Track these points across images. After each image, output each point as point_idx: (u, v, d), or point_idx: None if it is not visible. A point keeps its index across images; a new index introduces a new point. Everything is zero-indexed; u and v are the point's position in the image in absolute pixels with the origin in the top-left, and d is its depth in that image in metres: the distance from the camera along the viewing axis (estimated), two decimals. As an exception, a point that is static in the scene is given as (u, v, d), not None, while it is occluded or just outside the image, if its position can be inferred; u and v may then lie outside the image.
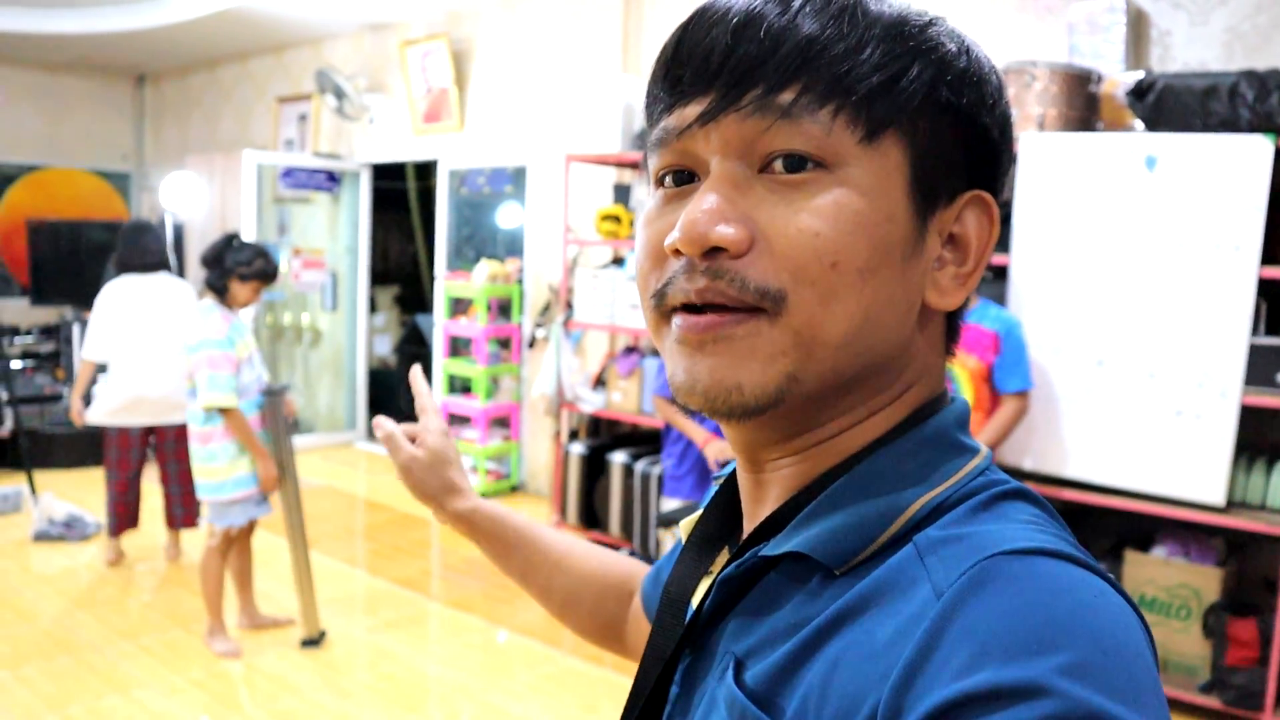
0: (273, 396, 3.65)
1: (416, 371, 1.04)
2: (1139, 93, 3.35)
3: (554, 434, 5.41)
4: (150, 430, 4.69)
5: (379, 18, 6.81)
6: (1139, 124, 3.43)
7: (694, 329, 0.56)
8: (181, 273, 8.03)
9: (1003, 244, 3.69)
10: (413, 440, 0.99)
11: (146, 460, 4.73)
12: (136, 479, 4.71)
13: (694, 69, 0.56)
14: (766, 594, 0.59)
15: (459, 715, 3.41)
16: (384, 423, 0.99)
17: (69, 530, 5.03)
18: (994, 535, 0.51)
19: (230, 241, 3.76)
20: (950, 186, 0.58)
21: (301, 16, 6.91)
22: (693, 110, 0.56)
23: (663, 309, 0.58)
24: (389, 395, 8.31)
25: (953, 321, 0.63)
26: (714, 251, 0.54)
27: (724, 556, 0.68)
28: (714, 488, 0.72)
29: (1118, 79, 3.54)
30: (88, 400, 4.79)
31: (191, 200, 7.53)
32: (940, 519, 0.54)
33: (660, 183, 0.60)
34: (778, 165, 0.54)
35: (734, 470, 0.68)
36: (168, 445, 4.69)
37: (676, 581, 0.68)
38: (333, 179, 7.53)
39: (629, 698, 0.67)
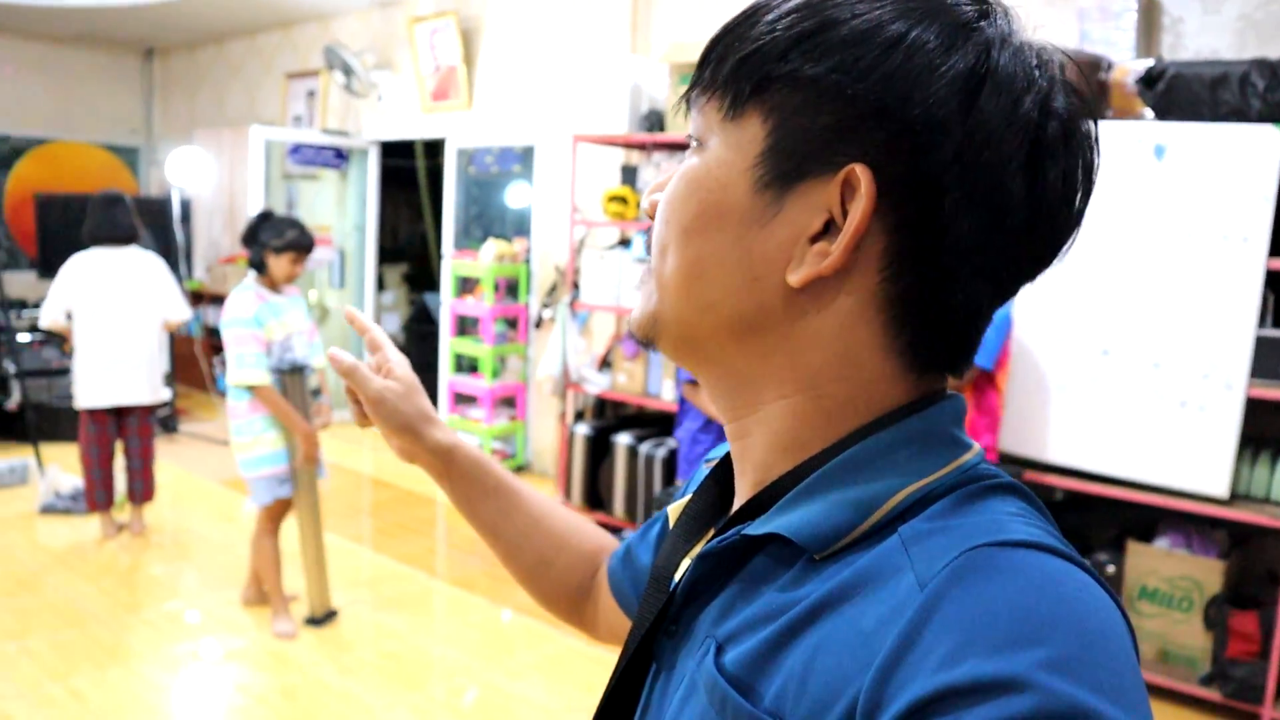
0: (284, 375, 3.63)
1: (352, 310, 0.96)
2: (1149, 81, 3.32)
3: (559, 415, 5.42)
4: (119, 408, 4.71)
5: (388, -6, 6.78)
6: (1148, 112, 3.41)
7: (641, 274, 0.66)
8: (189, 246, 8.05)
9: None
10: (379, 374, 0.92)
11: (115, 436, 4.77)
12: (112, 455, 4.76)
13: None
14: (749, 578, 0.59)
15: (461, 693, 3.44)
16: (341, 355, 0.89)
17: (74, 503, 5.06)
18: (979, 527, 0.51)
19: (264, 217, 3.74)
20: (825, 161, 0.54)
21: (311, -8, 6.88)
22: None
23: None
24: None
25: (921, 326, 0.57)
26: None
27: (710, 536, 0.67)
28: (704, 470, 0.72)
29: (1128, 66, 3.51)
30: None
31: (199, 175, 7.52)
32: (926, 510, 0.54)
33: None
34: (692, 146, 0.62)
35: (726, 455, 0.69)
36: (131, 421, 4.72)
37: (664, 556, 0.69)
38: (341, 156, 7.52)
39: (613, 673, 0.67)
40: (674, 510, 0.72)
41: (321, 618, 3.85)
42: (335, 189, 7.76)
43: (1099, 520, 3.78)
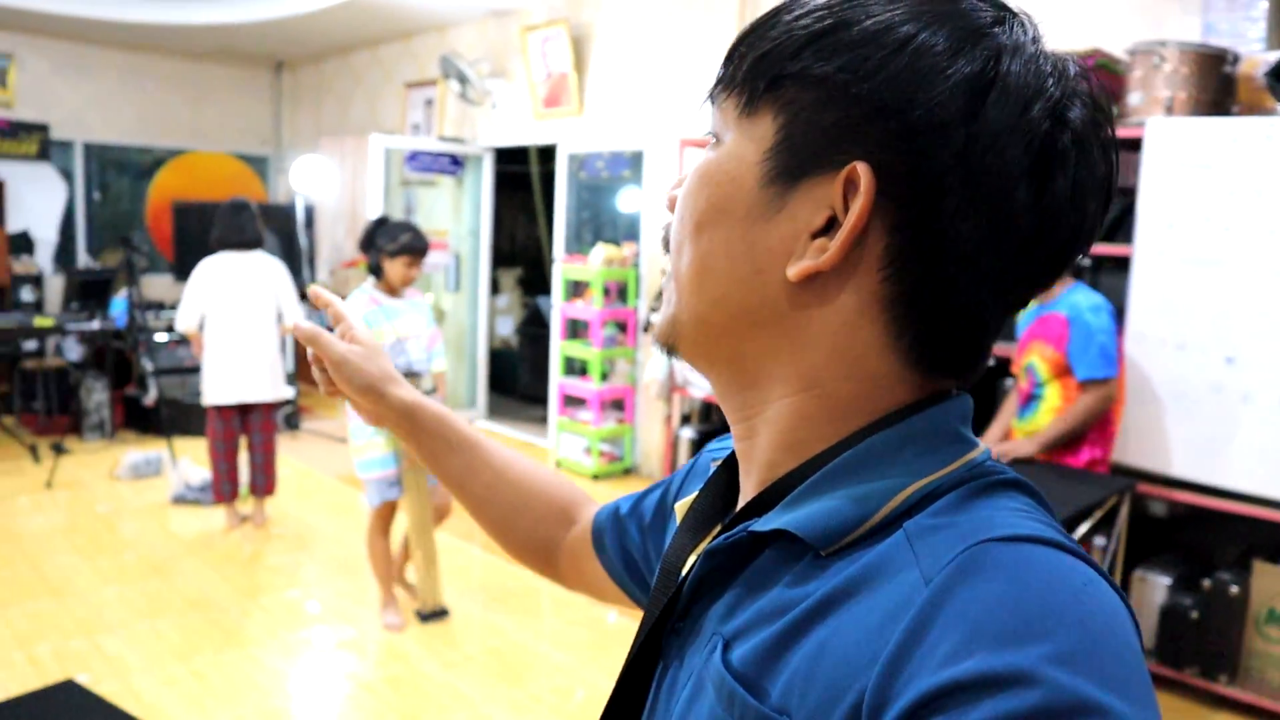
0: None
1: (314, 287, 1.00)
2: (1278, 74, 3.16)
3: (665, 418, 5.45)
4: (243, 405, 4.92)
5: (502, 4, 6.93)
6: (1279, 106, 3.25)
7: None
8: (312, 251, 8.37)
9: (1125, 234, 3.55)
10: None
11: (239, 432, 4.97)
12: (237, 450, 4.97)
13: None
14: (756, 575, 0.59)
15: (562, 692, 3.49)
16: (303, 323, 0.93)
17: (202, 494, 5.31)
18: (984, 522, 0.51)
19: (380, 222, 3.85)
20: (828, 157, 0.55)
21: (428, 4, 7.09)
22: None
23: None
24: (510, 375, 8.48)
25: (924, 325, 0.57)
26: None
27: (717, 532, 0.68)
28: (712, 469, 0.73)
29: (1257, 59, 3.35)
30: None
31: (322, 182, 7.81)
32: (931, 506, 0.54)
33: None
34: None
35: (733, 451, 0.70)
36: (255, 417, 4.93)
37: (673, 551, 0.69)
38: (456, 162, 7.71)
39: (622, 669, 0.67)
40: (681, 506, 0.73)
41: (430, 614, 3.95)
42: (451, 195, 7.96)
43: (1222, 538, 3.61)
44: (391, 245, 3.75)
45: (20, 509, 5.20)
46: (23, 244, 8.59)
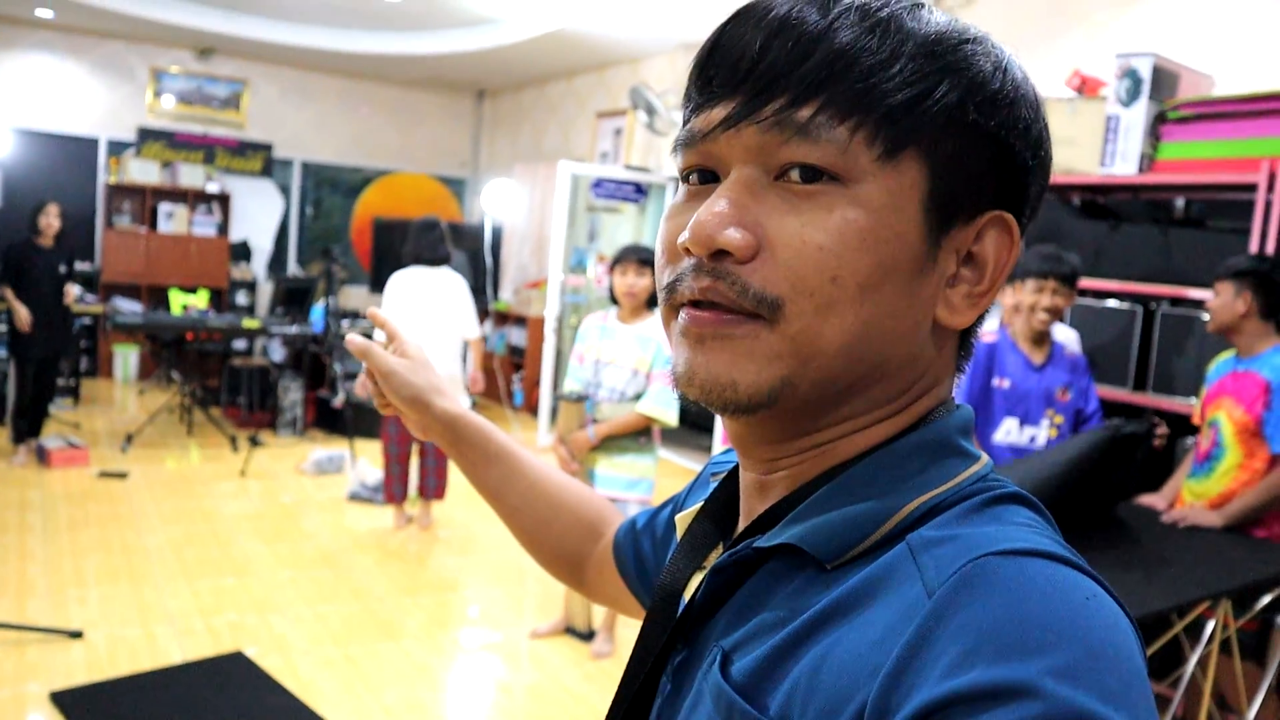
0: (563, 400, 3.70)
1: (373, 310, 1.06)
2: None
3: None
4: None
5: (692, 37, 7.07)
6: None
7: (696, 323, 0.57)
8: (497, 270, 8.72)
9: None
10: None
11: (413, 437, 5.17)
12: (409, 454, 5.19)
13: (724, 72, 0.57)
14: (758, 589, 0.59)
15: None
16: (355, 338, 0.99)
17: (375, 494, 5.61)
18: (987, 536, 0.51)
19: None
20: (971, 206, 0.57)
21: (623, 36, 7.32)
22: (718, 114, 0.57)
23: (672, 302, 0.59)
24: (684, 399, 8.54)
25: (965, 338, 0.64)
26: (721, 254, 0.55)
27: (718, 552, 0.68)
28: (712, 484, 0.72)
29: None
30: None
31: (511, 205, 8.14)
32: (935, 519, 0.54)
33: (686, 179, 0.61)
34: (793, 175, 0.55)
35: (734, 467, 0.69)
36: None
37: (670, 573, 0.68)
38: (640, 190, 7.89)
39: (619, 687, 0.67)
40: (682, 519, 0.71)
41: (584, 633, 4.01)
42: (633, 222, 8.15)
43: None
44: (613, 259, 3.76)
45: (218, 493, 5.64)
46: (242, 252, 9.36)
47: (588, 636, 3.99)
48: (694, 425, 8.40)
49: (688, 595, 0.65)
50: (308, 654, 3.64)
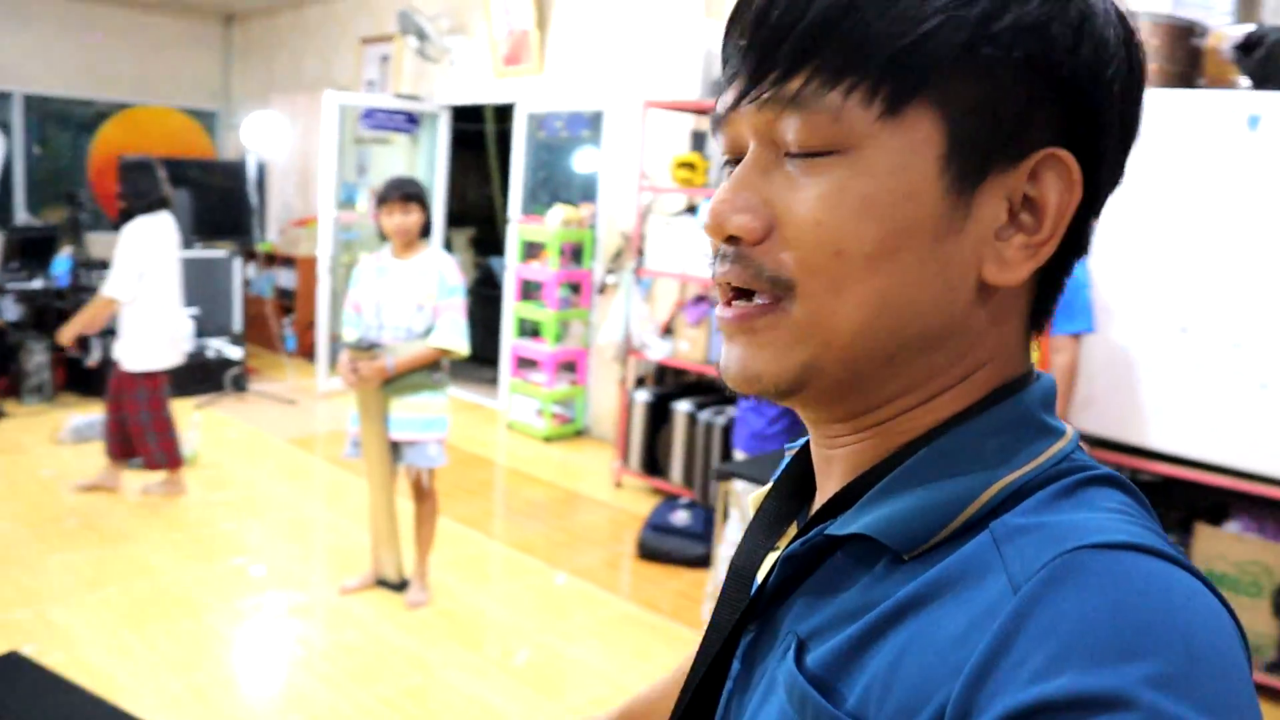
0: (352, 350, 3.50)
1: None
2: (1246, 48, 3.18)
3: (620, 380, 5.42)
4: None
5: (460, -42, 6.79)
6: (1244, 81, 3.26)
7: (723, 321, 0.57)
8: (263, 210, 8.19)
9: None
10: None
11: None
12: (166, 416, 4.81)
13: (733, 42, 0.55)
14: (833, 574, 0.56)
15: (515, 654, 3.48)
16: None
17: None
18: (1078, 525, 0.47)
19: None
20: (1013, 148, 0.52)
21: (384, -44, 6.92)
22: (730, 94, 0.56)
23: (717, 291, 0.59)
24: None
25: (1046, 294, 0.58)
26: (735, 237, 0.55)
27: (792, 531, 0.65)
28: (786, 459, 0.69)
29: (1223, 33, 3.37)
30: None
31: (274, 139, 7.64)
32: (1020, 505, 0.51)
33: (726, 163, 0.60)
34: (796, 149, 0.53)
35: (807, 442, 0.66)
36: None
37: (744, 554, 0.66)
38: (412, 120, 7.57)
39: (690, 670, 0.64)
40: (754, 500, 0.69)
41: (396, 585, 3.88)
42: (406, 153, 7.83)
43: (1166, 501, 3.68)
44: (377, 197, 3.57)
45: (-40, 472, 5.07)
46: (-42, 198, 8.33)
47: (400, 587, 3.88)
48: (476, 359, 8.28)
49: (760, 576, 0.63)
50: (96, 644, 3.35)
